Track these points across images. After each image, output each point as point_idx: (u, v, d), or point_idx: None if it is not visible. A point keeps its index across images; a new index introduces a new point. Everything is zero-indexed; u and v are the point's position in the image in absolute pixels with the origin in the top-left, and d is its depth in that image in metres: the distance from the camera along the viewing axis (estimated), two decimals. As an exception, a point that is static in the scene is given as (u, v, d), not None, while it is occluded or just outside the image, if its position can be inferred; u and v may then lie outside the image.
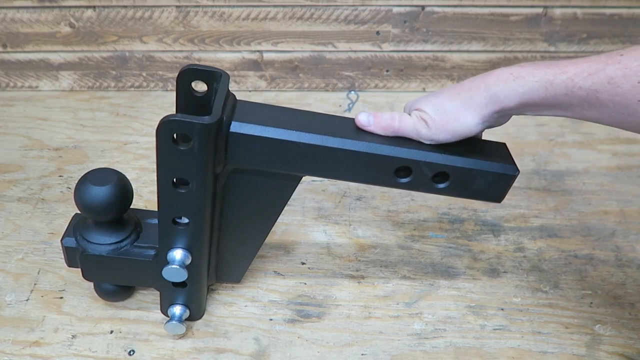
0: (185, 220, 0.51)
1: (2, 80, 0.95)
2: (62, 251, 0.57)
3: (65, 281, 0.64)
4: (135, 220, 0.57)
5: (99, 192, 0.51)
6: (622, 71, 0.42)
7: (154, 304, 0.62)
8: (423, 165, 0.52)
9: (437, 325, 0.62)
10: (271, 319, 0.62)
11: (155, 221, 0.57)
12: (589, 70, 0.44)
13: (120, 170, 0.54)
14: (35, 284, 0.64)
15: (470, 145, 0.53)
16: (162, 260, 0.53)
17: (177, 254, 0.52)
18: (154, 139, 0.86)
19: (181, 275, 0.53)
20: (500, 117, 0.50)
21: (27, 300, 0.62)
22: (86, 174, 0.53)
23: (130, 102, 0.94)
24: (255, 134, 0.48)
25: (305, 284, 0.66)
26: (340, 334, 0.60)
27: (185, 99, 0.53)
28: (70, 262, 0.57)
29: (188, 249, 0.53)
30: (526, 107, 0.48)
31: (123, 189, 0.53)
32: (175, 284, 0.56)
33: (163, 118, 0.44)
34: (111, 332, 0.59)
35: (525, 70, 0.47)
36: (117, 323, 0.60)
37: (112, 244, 0.55)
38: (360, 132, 0.53)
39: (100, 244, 0.55)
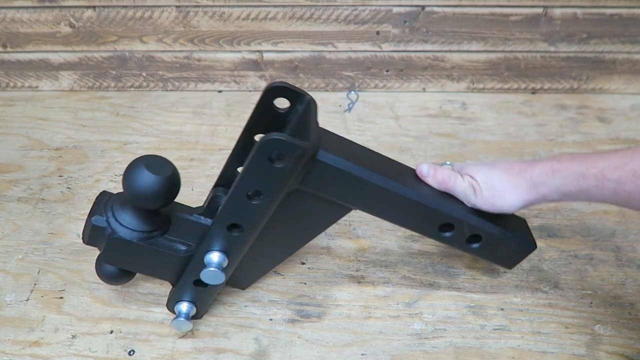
0: (237, 226, 0.52)
1: (2, 80, 0.95)
2: (85, 227, 0.54)
3: (65, 281, 0.64)
4: (167, 211, 0.55)
5: (155, 181, 0.49)
6: None
7: (154, 304, 0.62)
8: (465, 226, 0.57)
9: (437, 325, 0.62)
10: (271, 319, 0.62)
11: (185, 215, 0.55)
12: (616, 164, 0.48)
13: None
14: (35, 284, 0.64)
15: (501, 216, 0.58)
16: (198, 260, 0.54)
17: (218, 256, 0.53)
18: (154, 139, 0.86)
19: (219, 278, 0.54)
20: (539, 202, 0.56)
21: (27, 300, 0.62)
22: (140, 158, 0.51)
23: (130, 102, 0.94)
24: (337, 166, 0.51)
25: (305, 284, 0.66)
26: (340, 334, 0.60)
27: (263, 112, 0.55)
28: (90, 240, 0.54)
29: (227, 253, 0.54)
30: (564, 197, 0.54)
31: (176, 182, 0.51)
32: (196, 283, 0.56)
33: (268, 135, 0.45)
34: (111, 332, 0.59)
35: (563, 165, 0.52)
36: (117, 323, 0.60)
37: (144, 232, 0.53)
38: (418, 182, 0.57)
39: (133, 230, 0.53)
